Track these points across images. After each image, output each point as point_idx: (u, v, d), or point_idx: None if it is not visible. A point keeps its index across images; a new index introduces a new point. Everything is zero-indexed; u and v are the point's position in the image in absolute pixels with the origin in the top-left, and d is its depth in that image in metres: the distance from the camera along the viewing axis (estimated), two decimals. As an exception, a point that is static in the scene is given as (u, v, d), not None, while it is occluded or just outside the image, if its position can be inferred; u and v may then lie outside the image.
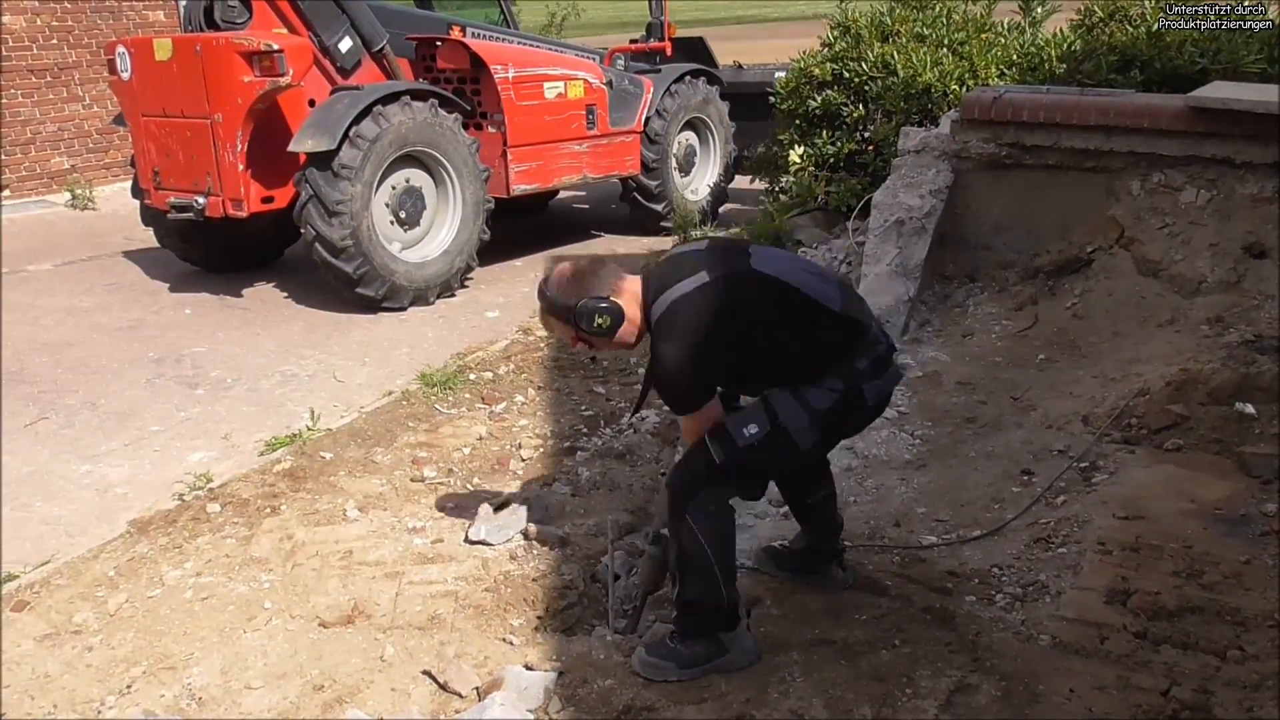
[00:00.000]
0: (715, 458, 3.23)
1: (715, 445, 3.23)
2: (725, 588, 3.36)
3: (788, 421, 3.21)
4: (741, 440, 3.21)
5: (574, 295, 3.28)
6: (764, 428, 3.21)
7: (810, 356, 3.26)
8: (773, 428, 3.21)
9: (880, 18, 8.69)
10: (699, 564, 3.32)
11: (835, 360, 3.26)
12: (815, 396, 3.23)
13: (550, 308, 3.36)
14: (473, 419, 5.83)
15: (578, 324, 3.28)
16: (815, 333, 3.27)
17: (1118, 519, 4.14)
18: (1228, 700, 3.10)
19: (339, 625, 3.88)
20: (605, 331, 3.27)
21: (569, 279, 3.33)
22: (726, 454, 3.22)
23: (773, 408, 3.22)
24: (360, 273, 7.76)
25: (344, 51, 8.36)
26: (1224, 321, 5.57)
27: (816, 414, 3.23)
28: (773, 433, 3.21)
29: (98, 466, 5.52)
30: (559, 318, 3.35)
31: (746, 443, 3.21)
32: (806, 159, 8.58)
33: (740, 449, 3.21)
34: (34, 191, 12.85)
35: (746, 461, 3.26)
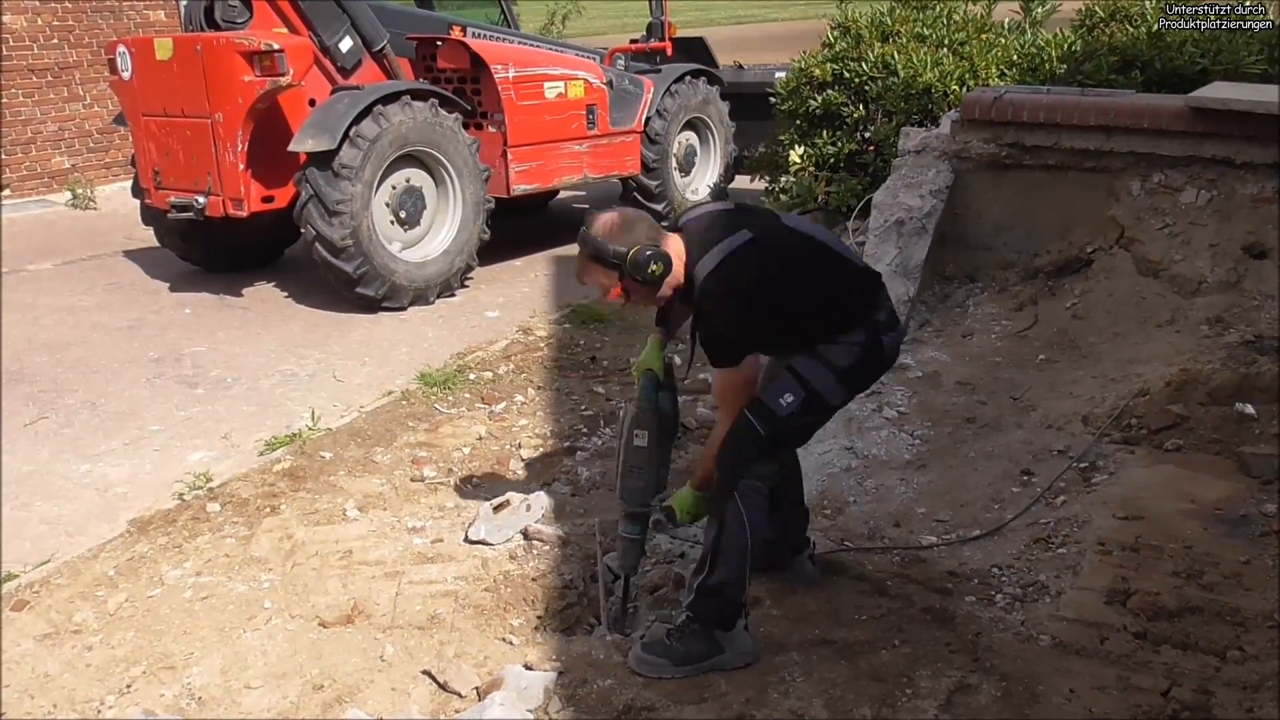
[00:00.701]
0: (760, 430, 3.34)
1: (758, 420, 3.34)
2: (747, 579, 3.46)
3: (818, 385, 3.34)
4: (781, 410, 3.33)
5: (624, 242, 3.27)
6: (799, 395, 3.33)
7: (841, 307, 3.39)
8: (806, 393, 3.33)
9: (880, 18, 8.69)
10: (737, 547, 3.39)
11: (859, 312, 3.40)
12: (837, 354, 3.35)
13: (597, 254, 3.31)
14: (472, 419, 5.83)
15: (630, 271, 3.26)
16: (845, 285, 3.42)
17: (1118, 519, 4.14)
18: (1227, 700, 3.10)
19: (339, 625, 3.88)
20: (655, 280, 3.28)
21: (617, 226, 3.32)
22: (769, 425, 3.34)
23: (801, 375, 3.34)
24: (360, 272, 7.76)
25: (344, 51, 8.35)
26: (1224, 322, 5.57)
27: (841, 371, 3.36)
28: (807, 398, 3.34)
29: (97, 466, 5.52)
30: (605, 265, 3.31)
31: (786, 412, 3.33)
32: (807, 159, 8.57)
33: (781, 419, 3.33)
34: (34, 191, 12.84)
35: (788, 429, 3.40)
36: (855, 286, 3.44)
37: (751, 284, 3.25)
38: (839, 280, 3.42)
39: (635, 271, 3.25)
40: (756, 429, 3.34)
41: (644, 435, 3.65)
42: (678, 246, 3.35)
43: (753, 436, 3.36)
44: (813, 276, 3.38)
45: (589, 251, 3.34)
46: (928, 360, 6.04)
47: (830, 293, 3.39)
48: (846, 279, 3.44)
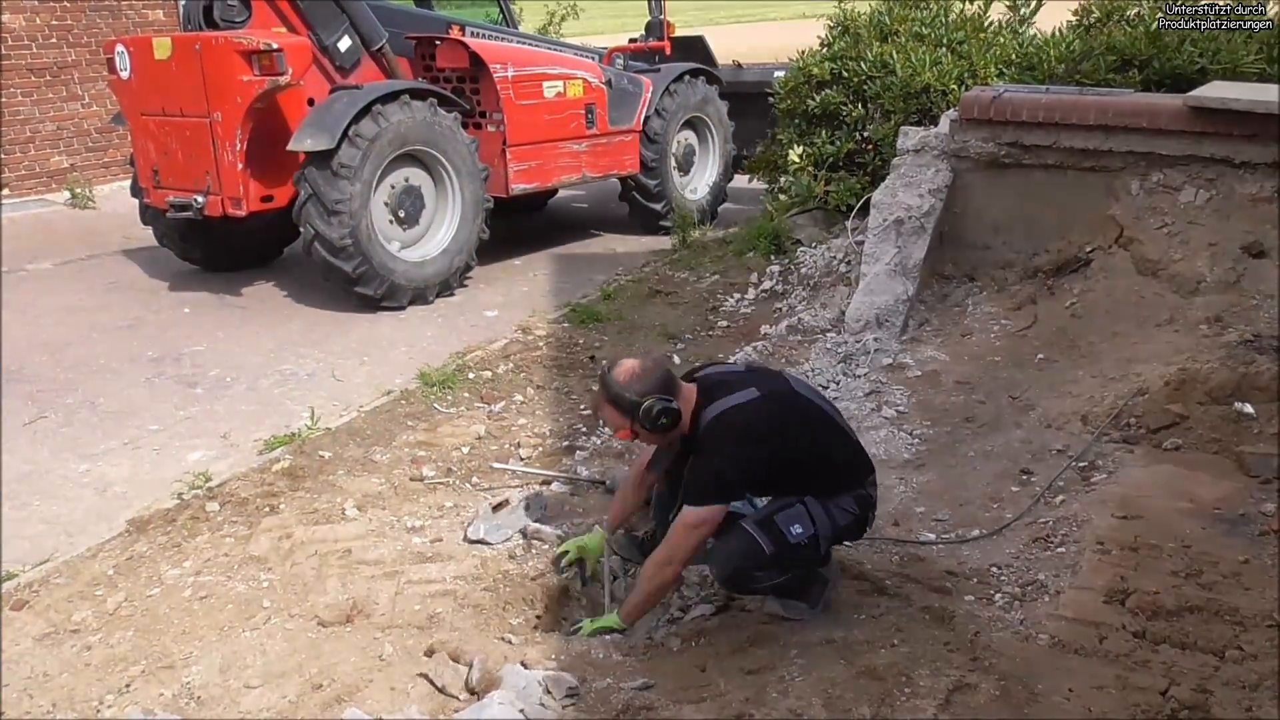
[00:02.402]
0: (765, 549, 3.51)
1: (765, 538, 3.52)
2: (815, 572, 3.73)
3: (821, 530, 3.57)
4: (791, 538, 3.52)
5: (639, 391, 3.52)
6: (808, 530, 3.54)
7: (835, 473, 3.64)
8: (815, 531, 3.55)
9: (879, 17, 8.68)
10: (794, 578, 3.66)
11: (852, 483, 3.67)
12: (839, 514, 3.60)
13: (613, 398, 3.56)
14: (471, 418, 5.83)
15: (639, 419, 3.50)
16: (839, 454, 3.67)
17: (1116, 518, 4.14)
18: (1226, 700, 3.10)
19: (338, 624, 3.88)
20: (662, 429, 3.53)
21: (637, 375, 3.56)
22: (778, 547, 3.52)
23: (813, 514, 3.56)
24: (359, 272, 7.76)
25: (343, 50, 8.36)
26: (1223, 321, 5.57)
27: (837, 528, 3.62)
28: (814, 536, 3.55)
29: (97, 465, 5.52)
30: (619, 409, 3.55)
31: (796, 540, 3.52)
32: (805, 158, 8.57)
33: (790, 545, 3.52)
34: (33, 190, 12.83)
35: (790, 559, 3.56)
36: (850, 457, 3.72)
37: (753, 429, 3.49)
38: (833, 447, 3.67)
39: (645, 421, 3.50)
40: (761, 549, 3.52)
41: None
42: (690, 395, 3.61)
43: (756, 553, 3.53)
44: (809, 437, 3.60)
45: (607, 394, 3.59)
46: (927, 360, 6.04)
47: (826, 458, 3.63)
48: (843, 447, 3.71)
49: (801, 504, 3.57)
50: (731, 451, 3.49)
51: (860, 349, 6.16)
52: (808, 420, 3.64)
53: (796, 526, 3.52)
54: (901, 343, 6.25)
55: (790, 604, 3.72)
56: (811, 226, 8.32)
